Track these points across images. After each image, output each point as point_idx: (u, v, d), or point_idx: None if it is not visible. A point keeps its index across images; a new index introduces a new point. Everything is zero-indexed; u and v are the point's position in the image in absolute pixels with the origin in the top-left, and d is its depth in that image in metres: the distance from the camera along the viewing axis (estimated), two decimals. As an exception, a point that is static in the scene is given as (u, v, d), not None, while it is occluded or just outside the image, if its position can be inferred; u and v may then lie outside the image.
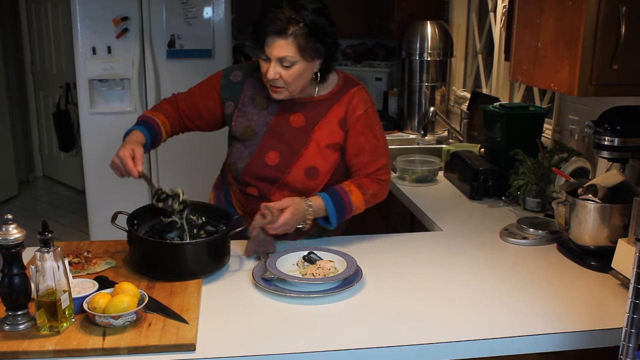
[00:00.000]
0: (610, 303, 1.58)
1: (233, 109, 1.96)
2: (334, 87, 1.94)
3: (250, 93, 1.95)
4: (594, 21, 1.61)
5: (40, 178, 6.46)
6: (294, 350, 1.34)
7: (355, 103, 1.91)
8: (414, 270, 1.76)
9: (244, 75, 1.98)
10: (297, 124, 1.91)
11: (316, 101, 1.92)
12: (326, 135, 1.91)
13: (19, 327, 1.37)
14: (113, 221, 1.69)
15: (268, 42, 1.77)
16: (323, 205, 1.85)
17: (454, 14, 3.82)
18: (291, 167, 1.90)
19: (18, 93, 6.06)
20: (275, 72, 1.78)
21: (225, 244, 1.72)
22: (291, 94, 1.85)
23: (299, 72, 1.80)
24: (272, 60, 1.78)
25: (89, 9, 3.78)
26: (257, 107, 1.93)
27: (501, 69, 3.19)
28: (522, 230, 2.02)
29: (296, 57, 1.77)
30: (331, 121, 1.91)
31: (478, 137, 3.14)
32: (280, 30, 1.74)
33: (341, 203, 1.87)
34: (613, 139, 1.79)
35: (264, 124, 1.92)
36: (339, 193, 1.88)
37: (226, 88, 1.97)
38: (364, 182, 1.93)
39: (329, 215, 1.86)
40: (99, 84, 3.94)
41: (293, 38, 1.75)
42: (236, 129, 1.95)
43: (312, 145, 1.90)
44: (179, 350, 1.32)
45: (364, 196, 1.91)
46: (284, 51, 1.76)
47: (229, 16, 3.99)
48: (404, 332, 1.42)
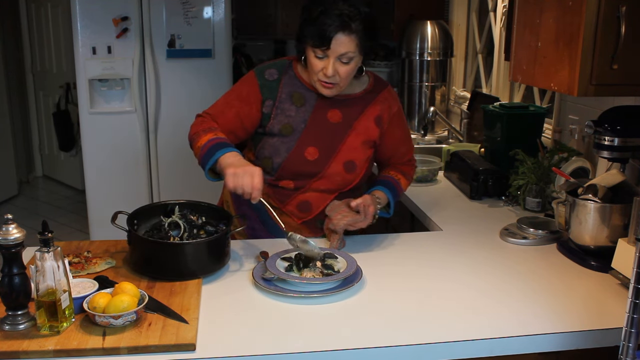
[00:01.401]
0: (610, 303, 1.58)
1: (272, 107, 1.94)
2: (367, 86, 2.00)
3: (288, 90, 1.95)
4: (594, 21, 1.61)
5: (40, 178, 6.47)
6: (294, 350, 1.34)
7: (390, 101, 2.02)
8: (413, 270, 1.76)
9: (279, 72, 1.96)
10: (334, 120, 1.94)
11: (352, 98, 1.97)
12: (363, 132, 1.96)
13: (19, 327, 1.37)
14: (113, 221, 1.69)
15: (332, 39, 1.76)
16: (386, 197, 1.96)
17: (454, 14, 3.82)
18: (330, 161, 1.93)
19: (18, 93, 6.06)
20: (335, 68, 1.80)
21: (225, 243, 1.72)
22: (340, 90, 1.89)
23: (354, 68, 1.84)
24: (331, 57, 1.79)
25: (89, 9, 3.79)
26: (295, 104, 1.93)
27: (501, 69, 3.20)
28: (522, 230, 2.02)
29: (356, 53, 1.80)
30: (368, 118, 1.97)
31: (478, 137, 3.14)
32: (344, 27, 1.75)
33: (395, 191, 2.00)
34: (613, 138, 1.79)
35: (303, 120, 1.93)
36: (392, 184, 2.00)
37: (264, 87, 1.94)
38: (405, 169, 2.08)
39: (391, 205, 1.99)
40: (99, 84, 3.94)
41: (355, 34, 1.77)
42: (274, 126, 1.93)
43: (350, 141, 1.94)
44: (179, 350, 1.32)
45: (408, 181, 2.08)
46: (346, 47, 1.77)
47: (229, 16, 4.00)
48: (403, 332, 1.42)
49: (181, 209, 1.81)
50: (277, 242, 1.91)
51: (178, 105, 4.00)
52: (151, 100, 3.96)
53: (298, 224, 1.97)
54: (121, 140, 3.99)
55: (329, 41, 1.76)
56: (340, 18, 1.75)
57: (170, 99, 4.02)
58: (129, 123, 4.00)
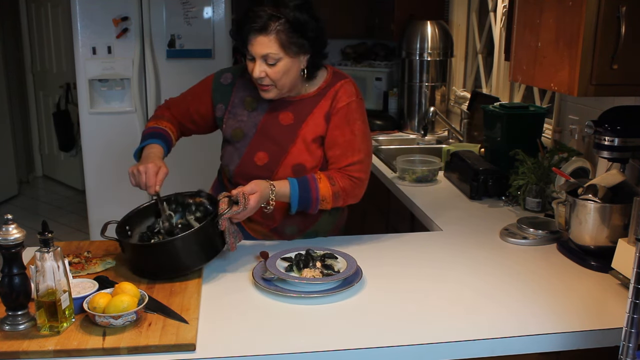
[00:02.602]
0: (610, 303, 1.58)
1: (224, 112, 1.96)
2: (321, 83, 1.94)
3: (241, 95, 1.96)
4: (594, 21, 1.61)
5: (40, 178, 6.47)
6: (294, 350, 1.34)
7: (339, 96, 1.91)
8: (414, 270, 1.76)
9: (234, 76, 1.98)
10: (286, 122, 1.92)
11: (305, 98, 1.93)
12: (312, 130, 1.91)
13: (19, 327, 1.37)
14: (102, 233, 1.70)
15: (250, 40, 1.77)
16: (288, 189, 1.83)
17: (454, 14, 3.82)
18: (279, 165, 1.91)
19: (18, 93, 6.06)
20: (261, 70, 1.79)
21: (213, 230, 1.69)
22: (280, 92, 1.86)
23: (284, 69, 1.80)
24: (257, 59, 1.78)
25: (89, 9, 3.79)
26: (247, 109, 1.94)
27: (501, 69, 3.20)
28: (522, 230, 2.02)
29: (280, 54, 1.77)
30: (318, 115, 1.92)
31: (478, 137, 3.14)
32: (261, 28, 1.75)
33: (307, 189, 1.84)
34: (613, 139, 1.79)
35: (254, 125, 1.93)
36: (306, 179, 1.86)
37: (217, 91, 1.98)
38: (334, 174, 1.90)
39: (291, 200, 1.84)
40: (99, 84, 3.94)
41: (275, 34, 1.75)
42: (227, 131, 1.96)
43: (299, 142, 1.91)
44: (179, 350, 1.32)
45: (332, 187, 1.87)
46: (266, 48, 1.76)
47: (229, 16, 3.99)
48: (403, 332, 1.42)
49: (169, 203, 1.80)
50: (277, 242, 1.91)
51: (178, 105, 4.00)
52: (151, 100, 3.96)
53: (268, 232, 1.97)
54: (121, 140, 3.99)
55: (246, 42, 1.78)
56: (257, 19, 1.74)
57: (170, 99, 4.02)
58: (129, 123, 3.99)
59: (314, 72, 1.90)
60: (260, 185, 1.77)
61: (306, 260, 1.70)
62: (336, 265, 1.70)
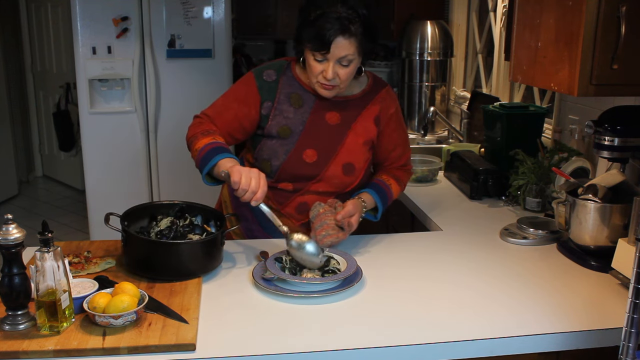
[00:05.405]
0: (610, 303, 1.58)
1: (270, 109, 1.92)
2: (365, 86, 1.98)
3: (286, 91, 1.94)
4: (594, 21, 1.61)
5: (40, 178, 6.46)
6: (294, 350, 1.34)
7: (388, 102, 2.01)
8: (414, 270, 1.76)
9: (277, 73, 1.95)
10: (332, 122, 1.94)
11: (350, 99, 1.96)
12: (362, 132, 1.95)
13: (19, 327, 1.37)
14: (107, 222, 1.69)
15: (332, 43, 1.75)
16: (373, 201, 1.94)
17: (454, 14, 3.82)
18: (329, 163, 1.92)
19: (18, 93, 6.06)
20: (334, 71, 1.80)
21: (219, 243, 1.71)
22: (340, 91, 1.89)
23: (354, 70, 1.84)
24: (331, 61, 1.78)
25: (89, 9, 3.79)
26: (293, 105, 1.93)
27: (501, 69, 3.20)
28: (522, 230, 2.02)
29: (355, 55, 1.79)
30: (367, 119, 1.96)
31: (478, 137, 3.14)
32: (343, 30, 1.74)
33: (385, 196, 1.97)
34: (613, 139, 1.79)
35: (301, 122, 1.92)
36: (382, 188, 1.97)
37: (262, 89, 1.93)
38: (398, 174, 2.05)
39: (379, 210, 1.96)
40: (99, 84, 3.94)
41: (355, 36, 1.76)
42: (272, 128, 1.92)
43: (349, 142, 1.94)
44: (179, 350, 1.32)
45: (400, 187, 2.05)
46: (346, 50, 1.77)
47: (229, 16, 4.00)
48: (403, 332, 1.42)
49: (172, 214, 1.78)
50: (277, 242, 1.91)
51: (178, 105, 4.00)
52: (151, 100, 3.96)
53: (297, 226, 1.97)
54: (121, 140, 3.99)
55: (329, 45, 1.75)
56: (340, 21, 1.73)
57: (170, 99, 4.02)
58: (129, 123, 3.99)
59: (360, 72, 1.94)
60: (357, 206, 1.87)
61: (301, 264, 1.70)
62: (336, 265, 1.70)
